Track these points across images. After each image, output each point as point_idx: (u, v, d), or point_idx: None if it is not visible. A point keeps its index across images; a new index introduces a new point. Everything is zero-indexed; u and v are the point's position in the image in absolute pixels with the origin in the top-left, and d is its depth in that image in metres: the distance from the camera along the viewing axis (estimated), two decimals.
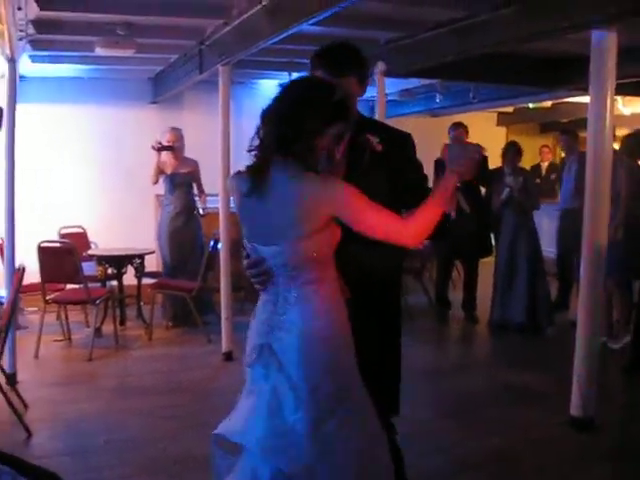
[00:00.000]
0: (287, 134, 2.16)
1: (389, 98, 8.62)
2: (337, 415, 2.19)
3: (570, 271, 7.32)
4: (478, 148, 2.39)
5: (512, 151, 7.19)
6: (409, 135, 2.68)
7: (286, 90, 2.31)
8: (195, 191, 7.43)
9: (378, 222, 2.18)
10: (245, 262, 2.36)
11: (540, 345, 6.67)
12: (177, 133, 7.24)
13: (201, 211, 7.38)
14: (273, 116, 2.22)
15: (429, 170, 7.00)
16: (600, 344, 6.23)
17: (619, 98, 9.12)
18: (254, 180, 2.21)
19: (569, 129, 8.20)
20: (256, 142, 2.25)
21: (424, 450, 4.02)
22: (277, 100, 2.27)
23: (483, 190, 7.54)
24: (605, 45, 4.20)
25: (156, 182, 7.20)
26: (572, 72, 6.27)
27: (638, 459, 4.08)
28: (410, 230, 2.24)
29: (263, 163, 2.21)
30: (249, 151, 2.28)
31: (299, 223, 2.17)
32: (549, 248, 7.96)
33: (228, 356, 5.97)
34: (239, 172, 2.34)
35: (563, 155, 8.14)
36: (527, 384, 5.40)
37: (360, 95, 2.61)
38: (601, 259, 4.40)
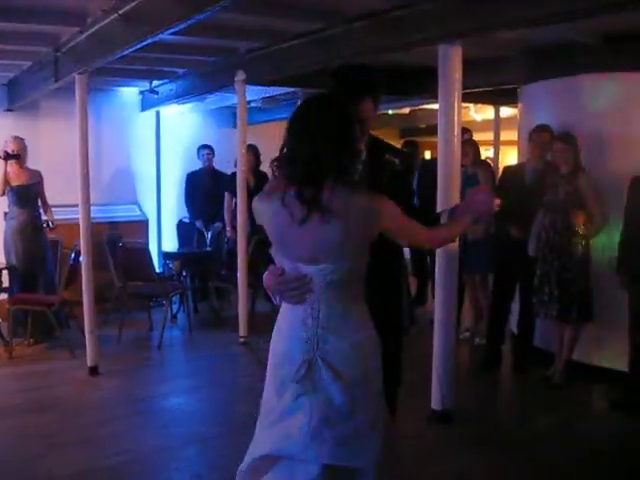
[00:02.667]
0: (345, 154, 2.21)
1: (252, 105, 8.72)
2: (382, 414, 2.40)
3: (424, 268, 7.66)
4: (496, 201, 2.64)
5: None
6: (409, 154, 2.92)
7: (324, 109, 2.28)
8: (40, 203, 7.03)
9: (418, 232, 2.47)
10: (280, 278, 2.35)
11: (408, 343, 6.83)
12: (21, 142, 6.86)
13: (51, 224, 7.02)
14: (323, 137, 2.18)
15: None
16: (465, 339, 6.64)
17: (471, 105, 9.67)
18: (310, 208, 2.19)
19: (411, 140, 8.76)
20: (289, 161, 2.24)
21: None
22: (318, 119, 2.23)
23: None
24: (451, 58, 4.47)
25: (3, 194, 6.82)
26: (425, 82, 6.56)
27: (493, 448, 4.35)
28: (435, 240, 2.70)
29: (318, 187, 2.19)
30: (278, 168, 2.29)
31: (357, 239, 2.24)
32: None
33: (94, 370, 5.81)
34: (268, 194, 2.35)
35: None
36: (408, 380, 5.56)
37: (374, 116, 2.75)
38: (454, 257, 4.66)
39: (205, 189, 8.43)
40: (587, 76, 5.61)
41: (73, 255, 6.46)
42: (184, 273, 8.33)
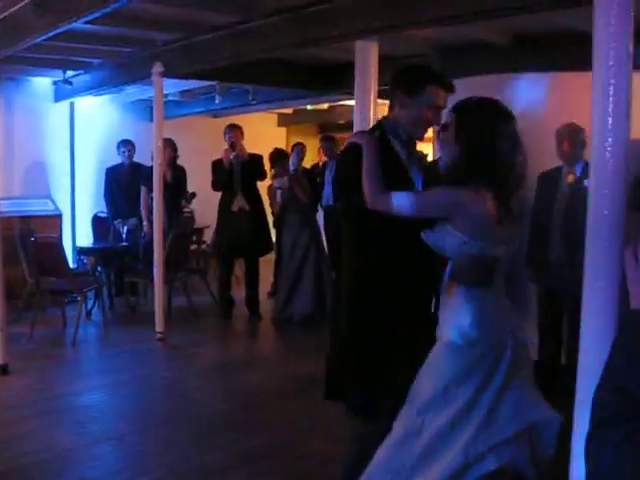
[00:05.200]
0: None
1: (170, 98, 8.62)
2: None
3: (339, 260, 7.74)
4: None
5: (297, 151, 7.61)
6: None
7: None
8: None
9: None
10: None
11: (325, 335, 6.85)
12: None
13: None
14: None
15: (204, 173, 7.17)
16: None
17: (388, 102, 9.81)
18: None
19: (329, 135, 8.80)
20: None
21: (209, 445, 4.12)
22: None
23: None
24: (367, 54, 4.55)
25: None
26: (342, 78, 6.66)
27: None
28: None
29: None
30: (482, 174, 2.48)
31: None
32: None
33: (3, 369, 5.62)
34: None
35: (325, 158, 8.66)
36: (312, 374, 5.56)
37: None
38: None
39: (125, 186, 8.26)
40: (497, 76, 5.79)
41: None
42: (99, 268, 8.16)
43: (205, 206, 8.70)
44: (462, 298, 2.53)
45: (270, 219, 7.74)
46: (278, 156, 7.59)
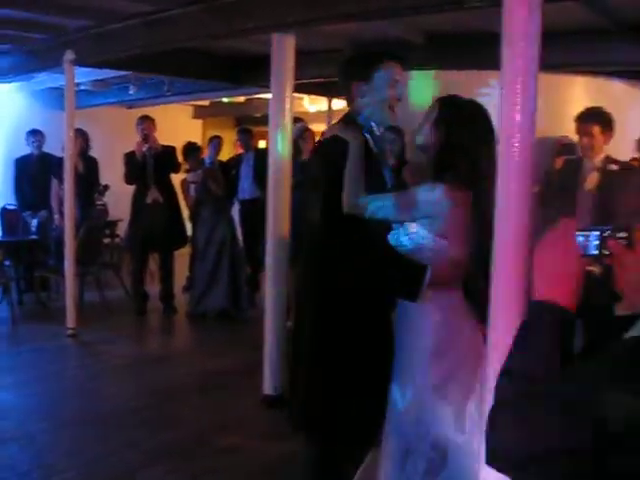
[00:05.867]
0: None
1: (82, 88, 8.38)
2: None
3: (255, 256, 7.73)
4: None
5: (214, 144, 7.53)
6: None
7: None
8: None
9: None
10: None
11: (240, 330, 6.89)
12: None
13: None
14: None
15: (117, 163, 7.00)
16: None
17: (305, 96, 9.84)
18: None
19: (245, 128, 8.63)
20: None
21: (120, 444, 4.04)
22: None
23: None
24: (284, 47, 4.54)
25: None
26: (258, 71, 6.62)
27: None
28: None
29: None
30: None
31: None
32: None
33: None
34: None
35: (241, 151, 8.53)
36: (226, 369, 5.60)
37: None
38: (284, 244, 4.73)
39: (35, 177, 7.99)
40: (412, 73, 5.90)
41: None
42: (7, 262, 7.86)
43: (118, 199, 8.50)
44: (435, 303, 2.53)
45: (185, 212, 7.64)
46: (191, 149, 7.50)
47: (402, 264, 2.54)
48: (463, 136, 2.48)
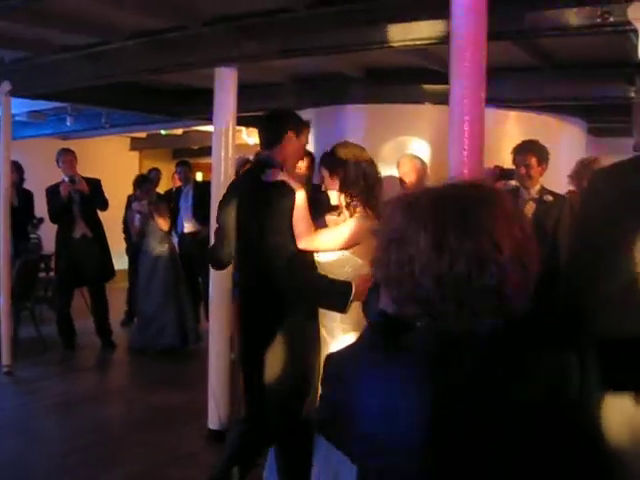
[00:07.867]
0: None
1: (17, 119, 8.23)
2: None
3: (196, 288, 7.68)
4: None
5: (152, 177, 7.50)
6: None
7: None
8: None
9: None
10: None
11: (184, 364, 6.76)
12: None
13: None
14: None
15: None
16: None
17: (243, 129, 9.89)
18: None
19: (184, 161, 8.58)
20: None
21: None
22: None
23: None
24: (227, 81, 4.59)
25: None
26: (199, 103, 6.65)
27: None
28: None
29: None
30: None
31: None
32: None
33: None
34: None
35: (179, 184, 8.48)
36: (171, 404, 5.46)
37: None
38: (227, 277, 4.71)
39: None
40: (351, 106, 6.08)
41: None
42: None
43: (52, 232, 8.29)
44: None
45: (121, 246, 7.51)
46: (142, 180, 7.41)
47: (331, 282, 2.98)
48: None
